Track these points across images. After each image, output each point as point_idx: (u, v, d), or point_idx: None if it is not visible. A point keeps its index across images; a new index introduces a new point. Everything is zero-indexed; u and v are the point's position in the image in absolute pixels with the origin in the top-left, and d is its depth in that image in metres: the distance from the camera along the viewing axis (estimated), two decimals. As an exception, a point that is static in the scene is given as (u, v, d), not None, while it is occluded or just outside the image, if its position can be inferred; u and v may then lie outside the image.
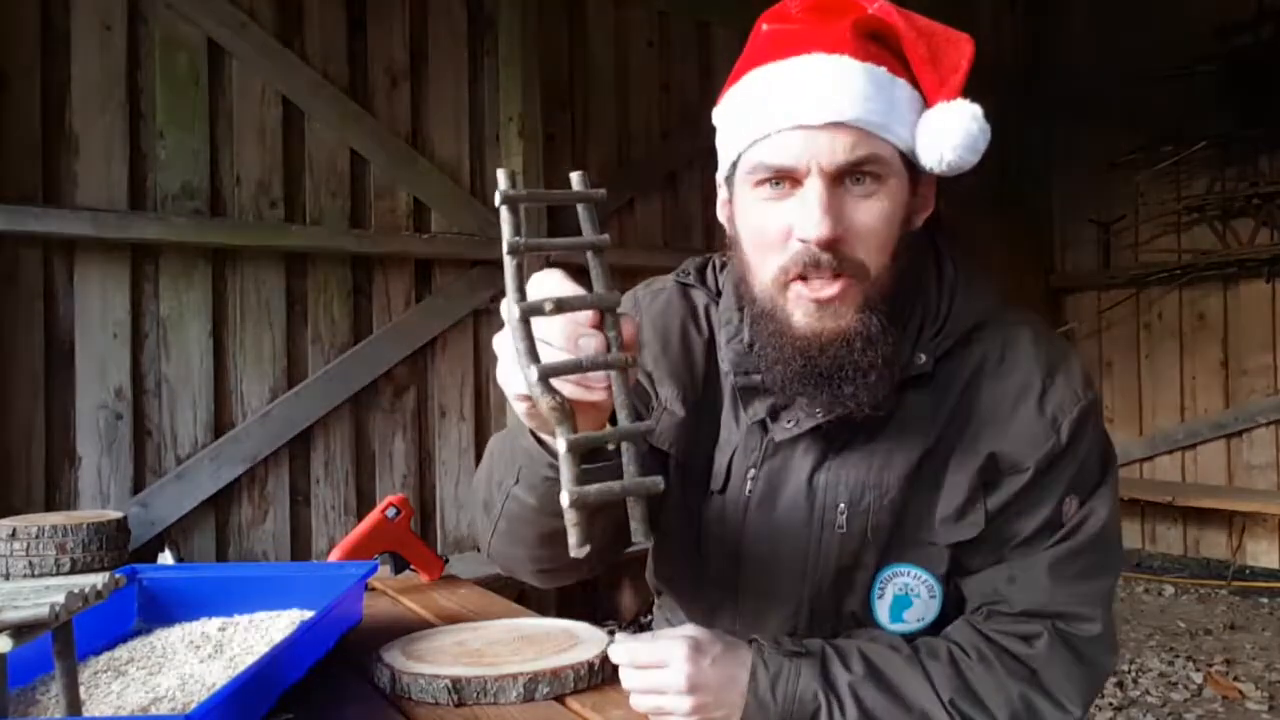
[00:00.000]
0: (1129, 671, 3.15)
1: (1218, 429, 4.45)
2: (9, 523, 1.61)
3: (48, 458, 2.56)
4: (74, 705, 0.79)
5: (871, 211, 0.86)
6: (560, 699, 0.91)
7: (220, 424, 2.81)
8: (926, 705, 0.87)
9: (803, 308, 0.87)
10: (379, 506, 1.35)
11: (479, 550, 3.34)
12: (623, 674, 0.89)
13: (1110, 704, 2.87)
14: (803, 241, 0.85)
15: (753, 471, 0.96)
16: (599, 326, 0.67)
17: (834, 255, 0.85)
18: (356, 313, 3.06)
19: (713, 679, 0.87)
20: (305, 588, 1.07)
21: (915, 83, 0.89)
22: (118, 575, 0.88)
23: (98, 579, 0.84)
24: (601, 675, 0.95)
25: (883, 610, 0.96)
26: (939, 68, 0.87)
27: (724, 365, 1.01)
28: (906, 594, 0.95)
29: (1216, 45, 4.27)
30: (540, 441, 0.80)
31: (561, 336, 0.67)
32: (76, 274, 2.60)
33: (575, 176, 0.72)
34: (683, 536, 1.03)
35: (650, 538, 0.62)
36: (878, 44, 0.88)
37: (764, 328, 0.91)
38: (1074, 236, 5.04)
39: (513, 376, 0.68)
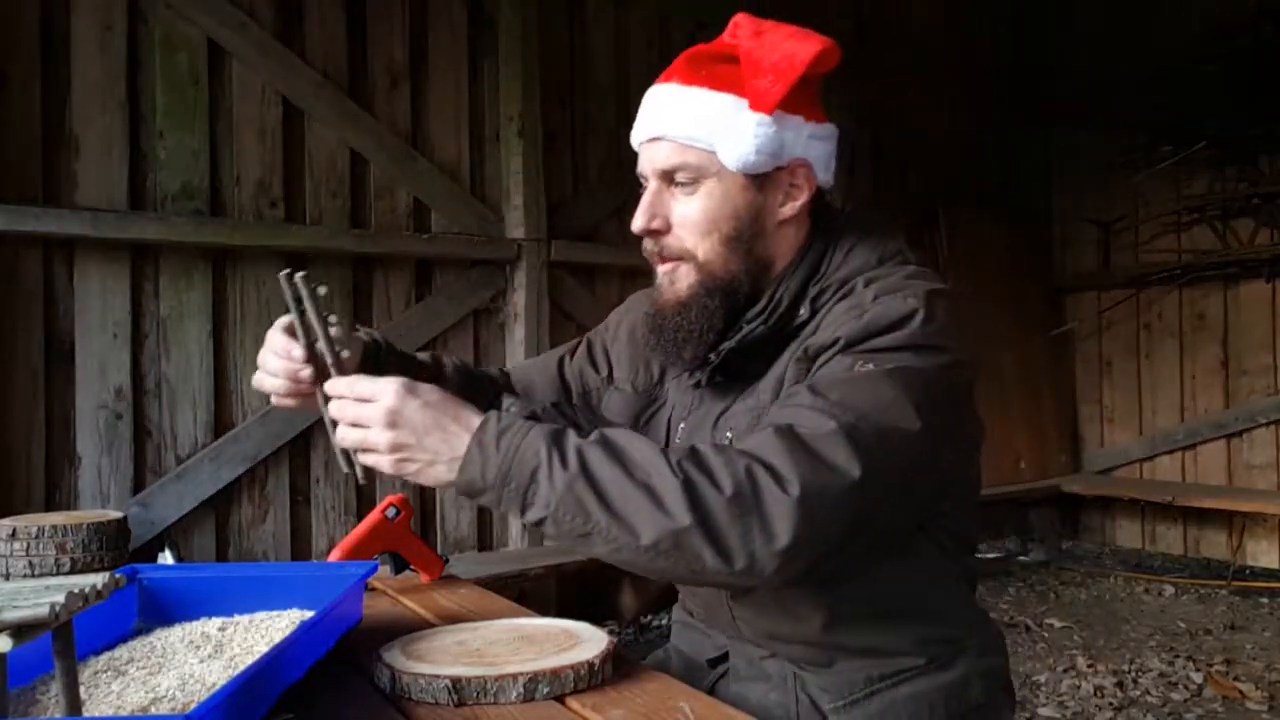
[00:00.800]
0: (1129, 671, 3.15)
1: (1218, 429, 4.45)
2: (9, 523, 1.61)
3: (48, 458, 2.56)
4: (74, 705, 0.79)
5: (688, 207, 1.06)
6: (560, 699, 0.91)
7: (220, 424, 2.81)
8: (652, 464, 0.86)
9: (659, 278, 1.10)
10: (379, 506, 1.35)
11: (479, 550, 3.35)
12: (334, 407, 0.93)
13: (1110, 704, 2.87)
14: (634, 230, 1.08)
15: (682, 425, 1.16)
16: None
17: (656, 242, 1.08)
18: (356, 313, 3.06)
19: (418, 420, 0.89)
20: (305, 588, 1.07)
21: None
22: (118, 575, 0.88)
23: (98, 579, 0.84)
24: (601, 675, 0.95)
25: None
26: (760, 77, 1.03)
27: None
28: None
29: (1216, 45, 4.27)
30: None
31: (281, 369, 1.04)
32: (76, 274, 2.60)
33: (298, 277, 1.00)
34: None
35: (349, 471, 0.96)
36: (710, 67, 1.06)
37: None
38: (1074, 236, 5.04)
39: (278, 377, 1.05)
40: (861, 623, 1.03)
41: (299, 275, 0.99)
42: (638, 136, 1.09)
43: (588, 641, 1.01)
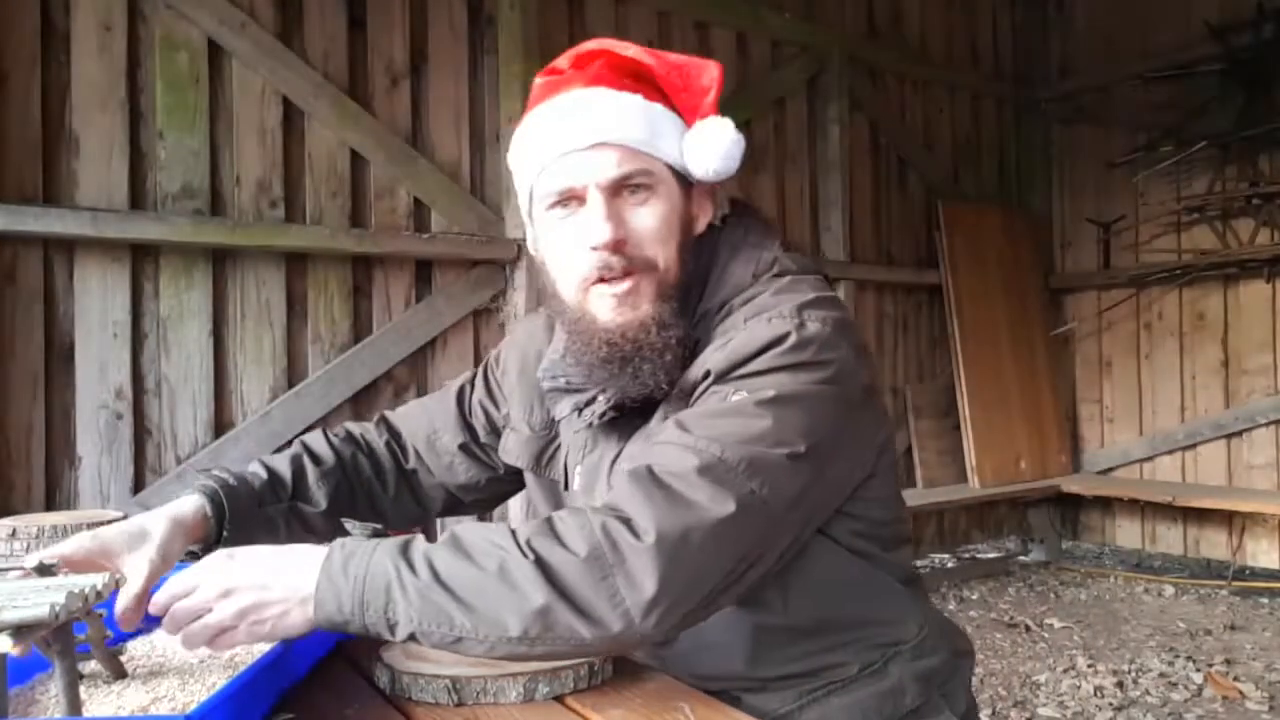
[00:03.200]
0: (1129, 671, 3.15)
1: (1218, 429, 4.45)
2: (9, 523, 1.61)
3: (48, 458, 2.56)
4: (74, 705, 0.79)
5: (648, 215, 1.00)
6: (560, 699, 0.91)
7: (220, 424, 2.81)
8: (501, 549, 0.83)
9: (605, 304, 1.01)
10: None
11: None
12: (167, 621, 0.86)
13: (1110, 704, 2.87)
14: (593, 249, 0.99)
15: (579, 467, 1.10)
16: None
17: (621, 256, 0.99)
18: (356, 313, 3.06)
19: (254, 576, 0.85)
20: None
21: (674, 107, 1.05)
22: (118, 575, 0.88)
23: (98, 579, 0.84)
24: (601, 675, 0.95)
25: None
26: (692, 93, 1.03)
27: (539, 374, 1.12)
28: None
29: (1216, 45, 4.27)
30: None
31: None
32: (76, 274, 2.60)
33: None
34: None
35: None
36: (634, 79, 1.03)
37: (575, 331, 1.04)
38: (1074, 236, 5.04)
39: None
40: (787, 649, 1.00)
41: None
42: (567, 143, 1.00)
43: (588, 641, 1.01)
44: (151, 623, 1.06)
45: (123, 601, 0.91)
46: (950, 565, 4.67)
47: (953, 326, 4.54)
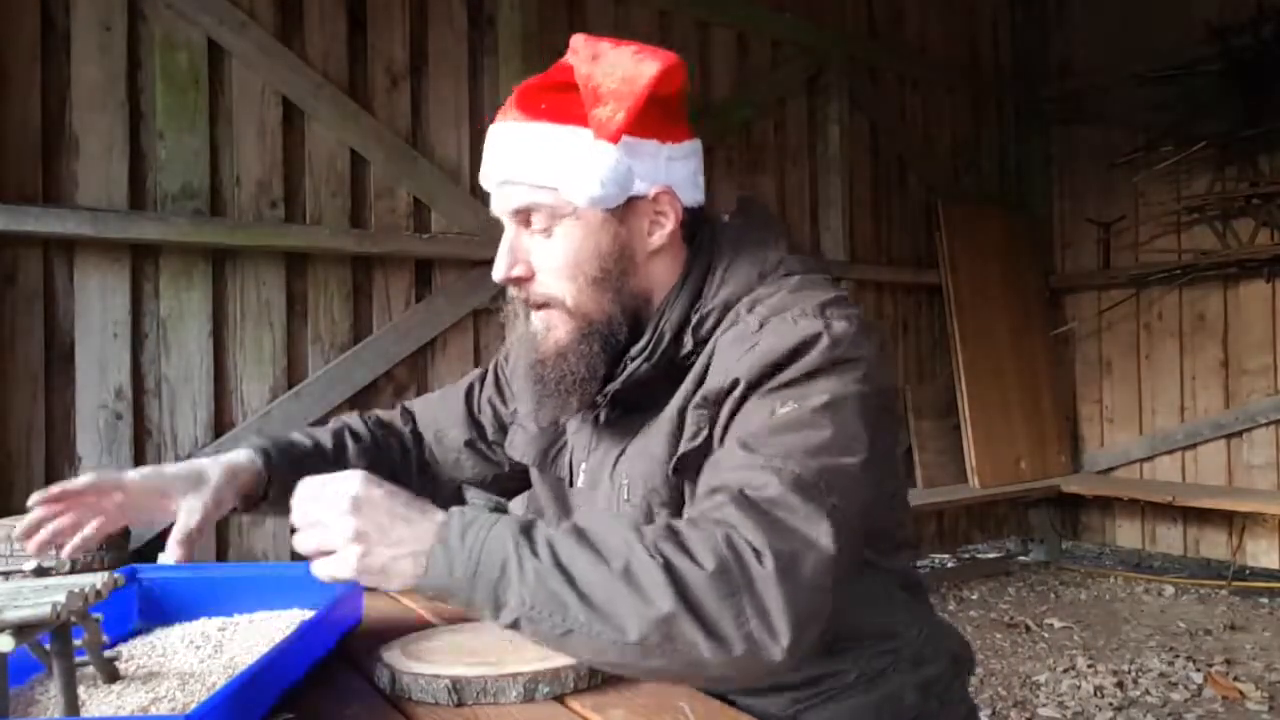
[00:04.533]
0: (1129, 671, 3.15)
1: (1218, 429, 4.45)
2: (9, 522, 1.61)
3: (48, 458, 2.56)
4: (73, 705, 0.79)
5: (548, 251, 1.00)
6: (560, 699, 0.91)
7: (220, 424, 2.81)
8: (628, 547, 0.79)
9: (536, 326, 1.04)
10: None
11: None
12: (295, 514, 0.85)
13: (1110, 704, 2.87)
14: (495, 282, 1.03)
15: (583, 465, 1.11)
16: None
17: (522, 290, 1.03)
18: (356, 313, 3.06)
19: (383, 508, 0.82)
20: (305, 588, 1.07)
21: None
22: (118, 575, 0.88)
23: (97, 579, 0.84)
24: (601, 675, 0.95)
25: None
26: (603, 109, 0.96)
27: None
28: None
29: (1216, 45, 4.27)
30: None
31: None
32: (76, 274, 2.60)
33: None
34: None
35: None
36: (556, 96, 1.00)
37: (523, 343, 1.08)
38: (1074, 236, 5.04)
39: None
40: None
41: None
42: (486, 180, 1.04)
43: (588, 641, 1.01)
44: (152, 620, 1.06)
45: (175, 538, 0.96)
46: (950, 565, 4.67)
47: (953, 327, 4.54)
